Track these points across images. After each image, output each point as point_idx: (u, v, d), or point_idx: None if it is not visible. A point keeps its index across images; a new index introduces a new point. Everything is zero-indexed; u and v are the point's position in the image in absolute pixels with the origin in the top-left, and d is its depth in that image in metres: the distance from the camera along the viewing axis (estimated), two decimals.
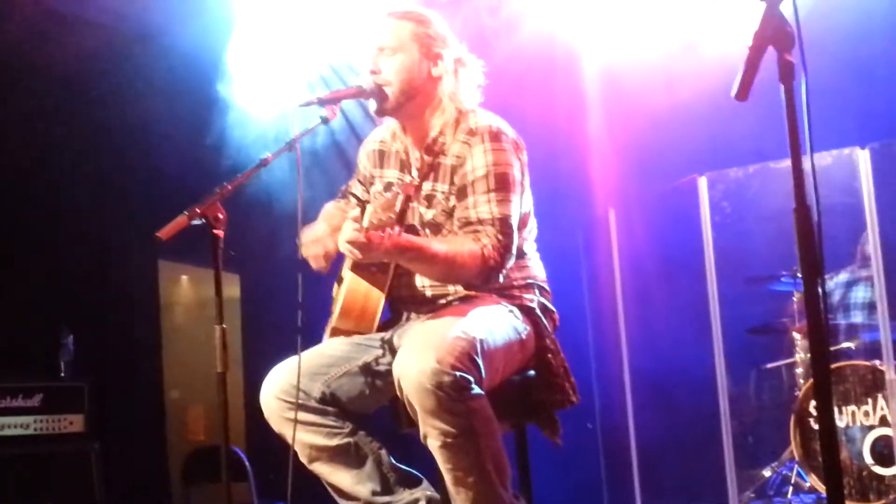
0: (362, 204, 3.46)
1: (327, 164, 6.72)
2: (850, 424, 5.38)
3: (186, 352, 7.26)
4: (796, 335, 5.93)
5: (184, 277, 8.00)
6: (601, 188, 6.87)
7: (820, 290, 1.93)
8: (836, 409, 5.34)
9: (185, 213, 2.98)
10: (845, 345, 5.71)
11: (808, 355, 5.82)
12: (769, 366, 6.19)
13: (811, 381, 5.62)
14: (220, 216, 3.03)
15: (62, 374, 5.37)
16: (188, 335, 7.51)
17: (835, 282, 6.22)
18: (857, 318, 5.99)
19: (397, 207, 2.87)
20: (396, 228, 2.87)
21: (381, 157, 3.56)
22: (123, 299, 6.19)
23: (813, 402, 5.44)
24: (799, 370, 5.88)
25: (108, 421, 5.44)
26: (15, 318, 5.56)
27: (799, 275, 5.76)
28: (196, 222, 2.99)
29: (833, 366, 5.41)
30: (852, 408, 5.38)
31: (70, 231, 5.91)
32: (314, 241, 3.37)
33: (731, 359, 5.99)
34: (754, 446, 6.17)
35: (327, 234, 3.35)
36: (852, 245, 6.13)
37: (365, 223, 2.90)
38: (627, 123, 6.60)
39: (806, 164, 1.99)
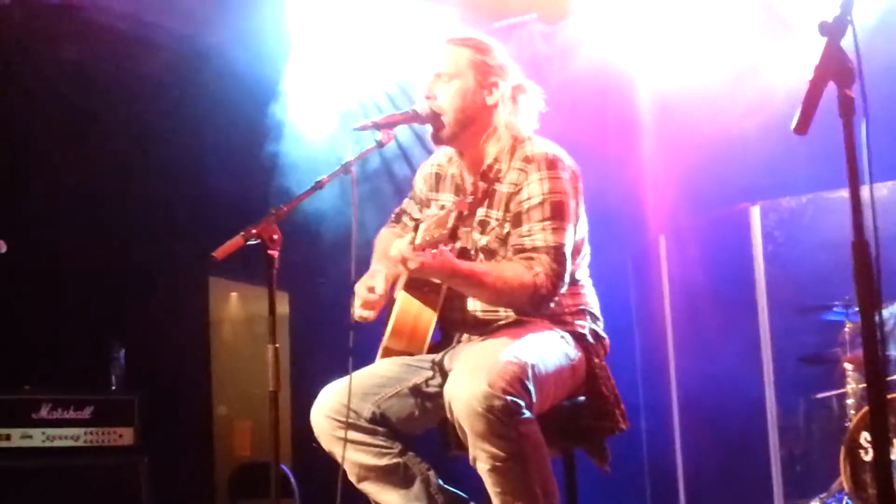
0: (416, 221, 3.48)
1: (377, 185, 6.77)
2: None
3: (234, 368, 7.33)
4: (847, 365, 5.87)
5: (233, 294, 8.07)
6: (652, 215, 6.85)
7: (877, 323, 1.92)
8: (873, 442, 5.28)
9: (242, 233, 3.01)
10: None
11: (860, 386, 5.77)
12: (819, 396, 6.12)
13: (862, 411, 5.57)
14: (276, 237, 3.05)
15: (113, 388, 5.42)
16: (236, 351, 7.57)
17: (889, 312, 6.15)
18: None
19: (449, 224, 2.88)
20: (448, 246, 2.89)
21: (438, 181, 3.59)
22: (174, 314, 6.25)
23: (864, 434, 5.38)
24: (850, 401, 5.82)
25: (157, 435, 5.48)
26: (68, 332, 5.63)
27: (850, 305, 5.75)
28: (251, 242, 3.03)
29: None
30: None
31: (124, 247, 5.98)
32: (363, 302, 3.40)
33: (782, 388, 5.94)
34: (803, 477, 6.10)
35: (380, 289, 3.38)
36: None
37: (418, 240, 2.91)
38: (680, 150, 6.58)
39: (865, 197, 1.98)
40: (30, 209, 5.64)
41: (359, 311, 3.42)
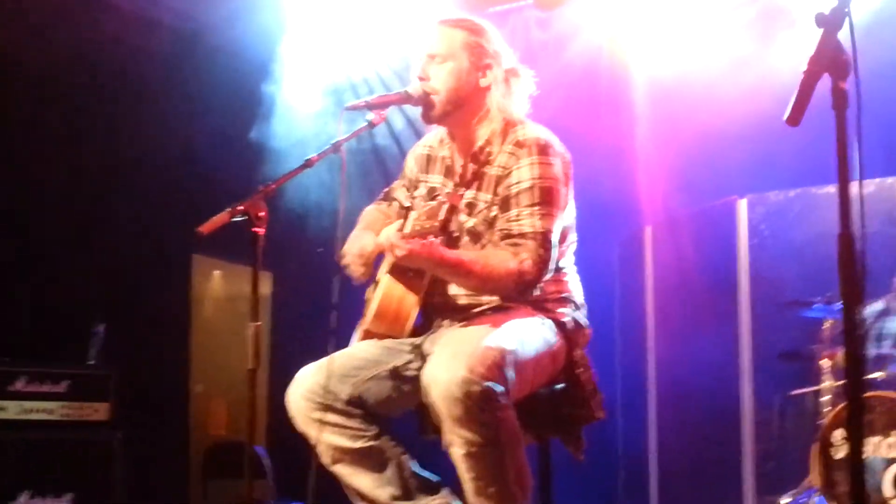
0: (406, 209, 3.47)
1: (366, 167, 6.75)
2: (872, 455, 5.33)
3: (214, 346, 7.30)
4: (824, 363, 5.88)
5: (216, 272, 8.04)
6: (639, 205, 6.84)
7: (858, 317, 1.91)
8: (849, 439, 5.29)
9: (228, 209, 3.00)
10: (873, 375, 5.65)
11: (835, 384, 5.78)
12: (795, 392, 6.13)
13: (836, 409, 5.59)
14: (262, 214, 3.05)
15: (90, 362, 5.39)
16: (217, 330, 7.55)
17: (869, 310, 6.15)
18: (889, 348, 5.93)
19: (441, 216, 2.87)
20: (438, 238, 2.87)
21: (428, 162, 3.57)
22: (156, 291, 6.23)
23: (837, 432, 5.40)
24: (825, 398, 5.83)
25: (133, 411, 5.46)
26: (49, 306, 5.61)
27: (831, 302, 5.75)
28: (238, 219, 3.01)
29: None
30: (876, 438, 5.33)
31: (107, 222, 5.96)
32: (359, 255, 3.38)
33: (759, 383, 5.94)
34: (776, 472, 6.11)
35: (371, 246, 3.35)
36: (889, 275, 6.06)
37: (407, 229, 2.88)
38: (671, 141, 6.58)
39: (854, 193, 1.96)
40: (12, 181, 5.60)
41: (358, 270, 3.39)
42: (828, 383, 5.84)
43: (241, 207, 2.99)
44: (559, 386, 3.35)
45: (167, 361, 6.37)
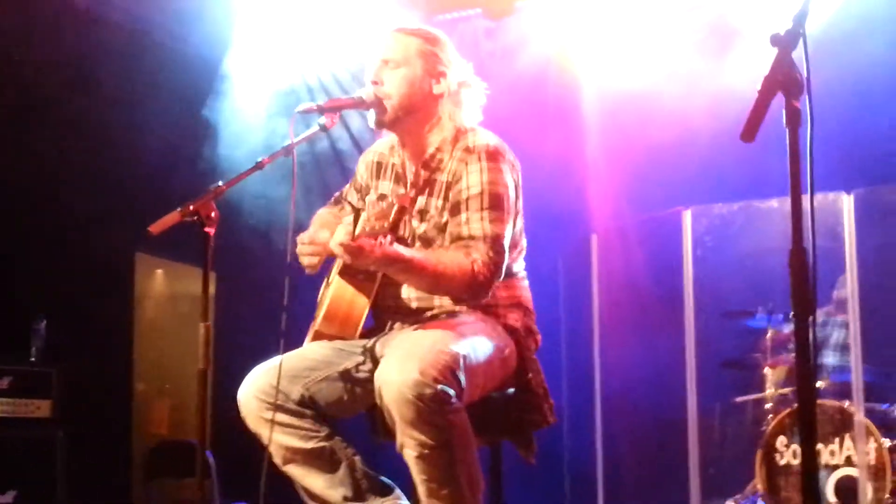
0: (356, 211, 3.48)
1: (324, 170, 6.75)
2: None
3: (157, 345, 7.25)
4: (768, 370, 6.00)
5: (159, 271, 7.97)
6: (586, 213, 6.90)
7: (811, 330, 1.97)
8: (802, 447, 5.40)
9: (179, 209, 3.00)
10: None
11: (778, 391, 5.91)
12: (739, 399, 6.25)
13: (779, 416, 5.71)
14: (213, 215, 3.06)
15: (32, 359, 5.34)
16: (160, 329, 7.49)
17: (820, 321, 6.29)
18: (829, 358, 6.06)
19: (391, 217, 2.89)
20: (388, 238, 2.88)
21: (378, 169, 3.59)
22: (98, 288, 6.16)
23: (780, 438, 5.52)
24: (768, 405, 5.95)
25: (75, 408, 5.42)
26: None
27: (773, 312, 5.87)
28: (188, 219, 3.01)
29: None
30: (818, 447, 5.44)
31: (50, 218, 5.89)
32: (310, 244, 3.39)
33: (703, 391, 6.03)
34: (719, 478, 6.21)
35: (325, 239, 3.37)
36: (829, 288, 6.19)
37: (357, 230, 2.91)
38: (618, 151, 6.64)
39: (806, 207, 2.02)
40: None
41: (307, 260, 3.41)
42: (770, 391, 5.96)
43: (192, 208, 3.00)
44: (511, 390, 3.38)
45: (110, 359, 6.30)
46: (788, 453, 5.53)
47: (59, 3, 5.91)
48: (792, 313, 2.04)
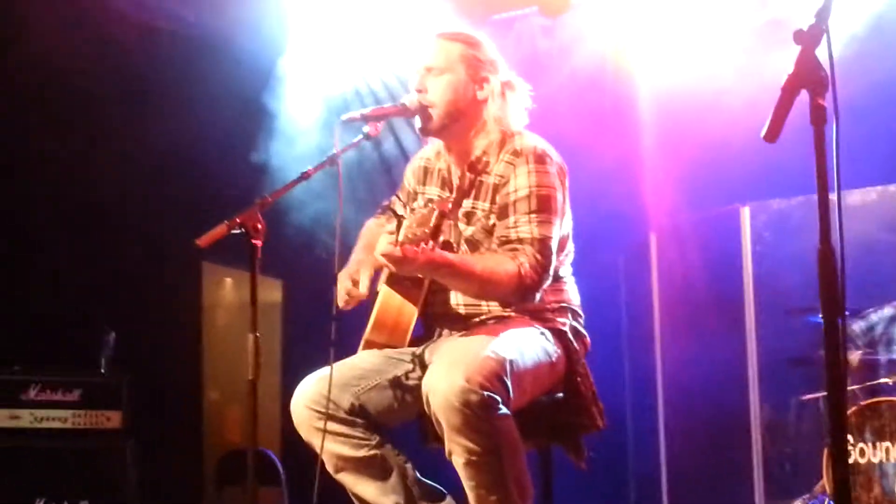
0: (399, 219, 3.51)
1: (374, 178, 6.77)
2: (885, 460, 5.34)
3: (228, 353, 7.33)
4: None
5: (228, 280, 8.07)
6: (644, 212, 6.85)
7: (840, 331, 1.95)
8: (870, 445, 5.30)
9: (226, 222, 3.04)
10: (884, 380, 5.65)
11: (846, 388, 5.79)
12: (806, 398, 6.14)
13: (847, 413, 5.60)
14: (259, 226, 3.08)
15: (102, 371, 5.44)
16: (230, 337, 7.57)
17: (878, 316, 6.14)
18: None
19: (432, 223, 2.90)
20: (431, 243, 2.90)
21: (425, 174, 3.61)
22: (166, 299, 6.26)
23: (847, 437, 5.41)
24: None
25: (146, 419, 5.50)
26: (59, 314, 5.64)
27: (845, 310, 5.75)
28: (235, 231, 3.05)
29: (869, 401, 5.39)
30: (887, 444, 5.34)
31: (118, 229, 5.99)
32: (343, 279, 3.45)
33: (771, 389, 5.95)
34: (787, 477, 6.13)
35: (363, 291, 3.41)
36: None
37: (400, 237, 2.94)
38: (675, 148, 6.58)
39: (833, 206, 2.00)
40: (22, 190, 5.65)
41: (341, 303, 3.44)
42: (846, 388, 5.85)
43: (239, 220, 3.04)
44: (559, 395, 3.37)
45: (179, 369, 6.40)
46: (856, 452, 5.42)
47: (116, 18, 5.99)
48: (820, 315, 2.01)
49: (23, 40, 5.65)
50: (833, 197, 2.07)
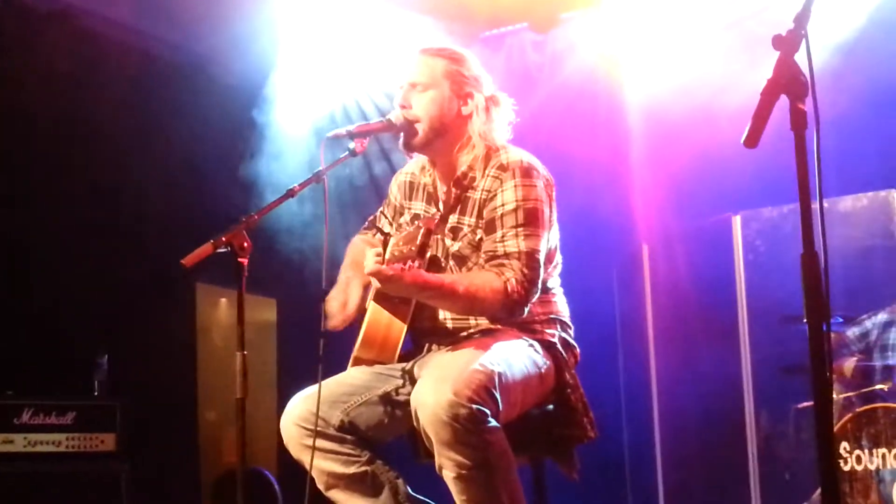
0: (386, 236, 3.50)
1: (364, 194, 6.77)
2: (882, 467, 5.33)
3: (223, 374, 7.30)
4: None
5: (223, 300, 8.06)
6: (636, 223, 6.86)
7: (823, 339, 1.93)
8: (866, 451, 5.30)
9: (212, 241, 3.04)
10: (878, 386, 5.65)
11: (841, 396, 5.78)
12: (800, 406, 6.13)
13: (842, 421, 5.58)
14: (245, 245, 3.07)
15: (95, 394, 5.42)
16: (226, 357, 7.55)
17: (873, 322, 6.14)
18: (894, 359, 5.92)
19: (418, 241, 2.89)
20: (417, 262, 2.89)
21: (411, 189, 3.60)
22: (161, 320, 6.25)
23: (843, 444, 5.41)
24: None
25: (141, 441, 5.48)
26: (52, 337, 5.63)
27: (832, 315, 5.75)
28: (221, 250, 3.04)
29: (865, 407, 5.40)
30: (883, 450, 5.33)
31: (110, 250, 5.98)
32: (331, 299, 3.45)
33: (768, 397, 5.94)
34: (782, 486, 6.11)
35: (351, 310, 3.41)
36: (892, 286, 6.07)
37: (387, 255, 2.92)
38: (666, 159, 6.61)
39: (816, 212, 1.99)
40: (12, 212, 5.65)
41: (331, 323, 3.43)
42: (833, 395, 5.84)
43: (224, 239, 3.03)
44: (549, 407, 3.36)
45: (174, 390, 6.38)
46: (852, 459, 5.41)
47: (107, 41, 6.01)
48: (805, 320, 2.00)
49: (17, 66, 5.66)
50: (815, 204, 2.06)
